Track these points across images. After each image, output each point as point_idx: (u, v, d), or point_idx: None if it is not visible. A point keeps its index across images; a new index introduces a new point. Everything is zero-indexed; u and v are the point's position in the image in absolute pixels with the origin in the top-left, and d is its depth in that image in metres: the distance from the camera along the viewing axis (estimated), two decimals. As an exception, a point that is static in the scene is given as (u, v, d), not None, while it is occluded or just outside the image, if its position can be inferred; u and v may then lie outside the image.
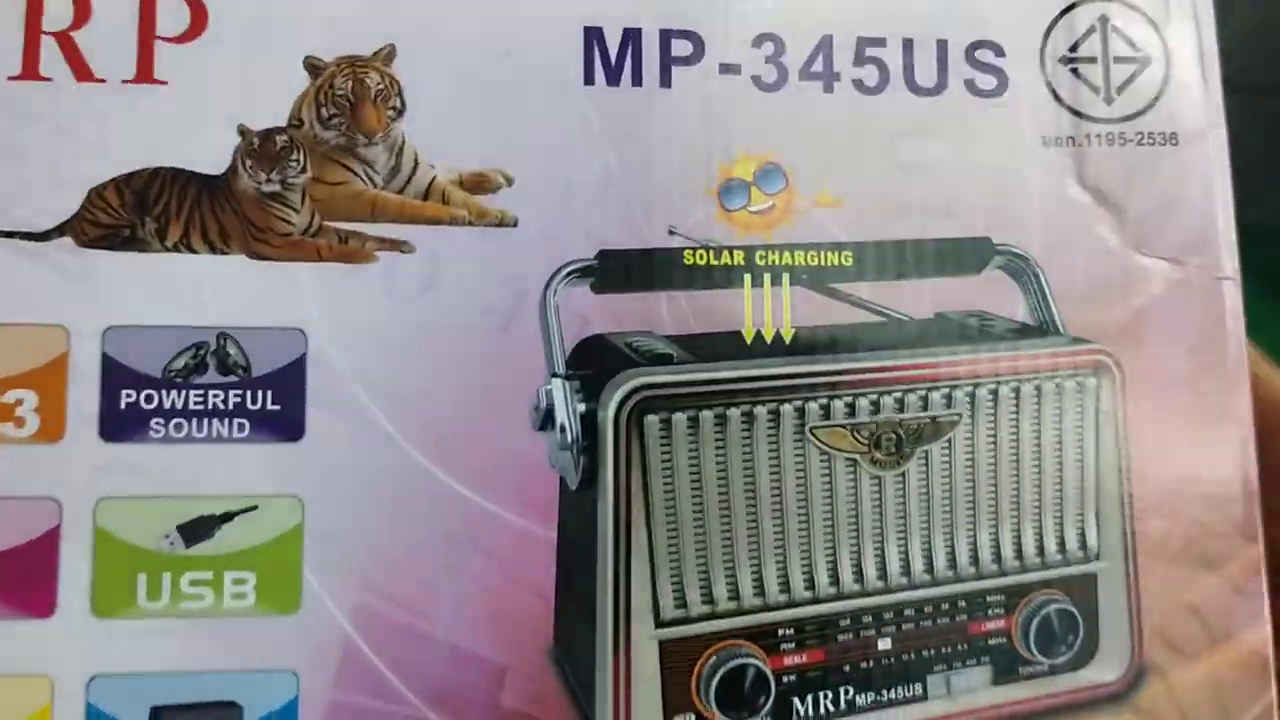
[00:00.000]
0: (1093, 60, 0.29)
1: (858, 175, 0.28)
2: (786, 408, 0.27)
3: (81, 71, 0.26)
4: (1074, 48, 0.29)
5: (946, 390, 0.28)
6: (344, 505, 0.26)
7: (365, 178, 0.27)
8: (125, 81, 0.26)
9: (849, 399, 0.27)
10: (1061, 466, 0.28)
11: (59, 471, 0.25)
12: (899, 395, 0.28)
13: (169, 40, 0.26)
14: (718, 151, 0.28)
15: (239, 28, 0.26)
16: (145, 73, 0.26)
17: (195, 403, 0.26)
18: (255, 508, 0.25)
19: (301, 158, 0.26)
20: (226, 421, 0.26)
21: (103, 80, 0.26)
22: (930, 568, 0.27)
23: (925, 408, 0.28)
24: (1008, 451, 0.28)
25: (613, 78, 0.28)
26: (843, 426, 0.27)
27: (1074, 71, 0.29)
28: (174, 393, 0.26)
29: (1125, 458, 0.28)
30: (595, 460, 0.27)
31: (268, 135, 0.26)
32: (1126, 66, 0.29)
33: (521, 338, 0.27)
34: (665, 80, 0.28)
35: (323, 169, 0.26)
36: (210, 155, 0.26)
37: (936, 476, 0.27)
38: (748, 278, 0.28)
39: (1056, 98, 0.29)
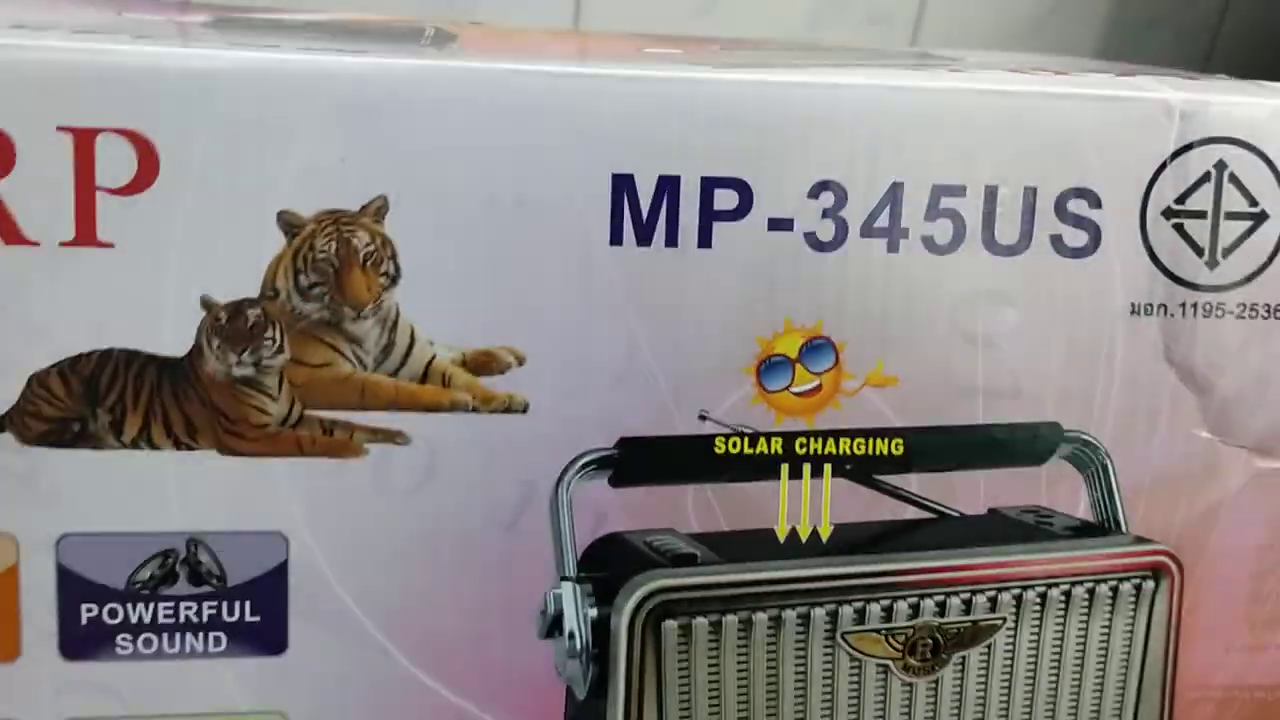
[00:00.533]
0: (1202, 215, 0.25)
1: (917, 350, 0.25)
2: (818, 611, 0.25)
3: (8, 232, 0.22)
4: (1182, 199, 0.25)
5: (993, 593, 0.25)
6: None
7: (353, 358, 0.23)
8: (64, 244, 0.22)
9: (886, 602, 0.25)
10: (1104, 675, 0.26)
11: (18, 693, 0.23)
12: (940, 599, 0.25)
13: (112, 192, 0.22)
14: (760, 323, 0.24)
15: (197, 176, 0.22)
16: (87, 232, 0.22)
17: (165, 616, 0.23)
18: None
19: (277, 335, 0.23)
20: (201, 636, 0.23)
21: (35, 243, 0.22)
22: (957, 775, 0.26)
23: (968, 611, 0.25)
24: (1049, 659, 0.26)
25: (644, 236, 0.24)
26: (877, 631, 0.25)
27: (1178, 227, 0.25)
28: (140, 606, 0.23)
29: (1172, 666, 0.26)
30: (606, 669, 0.24)
31: (237, 309, 0.22)
32: (1239, 224, 0.26)
33: (529, 537, 0.24)
34: (705, 239, 0.24)
35: (303, 348, 0.23)
36: (170, 333, 0.23)
37: (972, 685, 0.26)
38: (785, 468, 0.25)
39: (1154, 258, 0.26)
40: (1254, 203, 0.26)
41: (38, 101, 0.22)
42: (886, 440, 0.26)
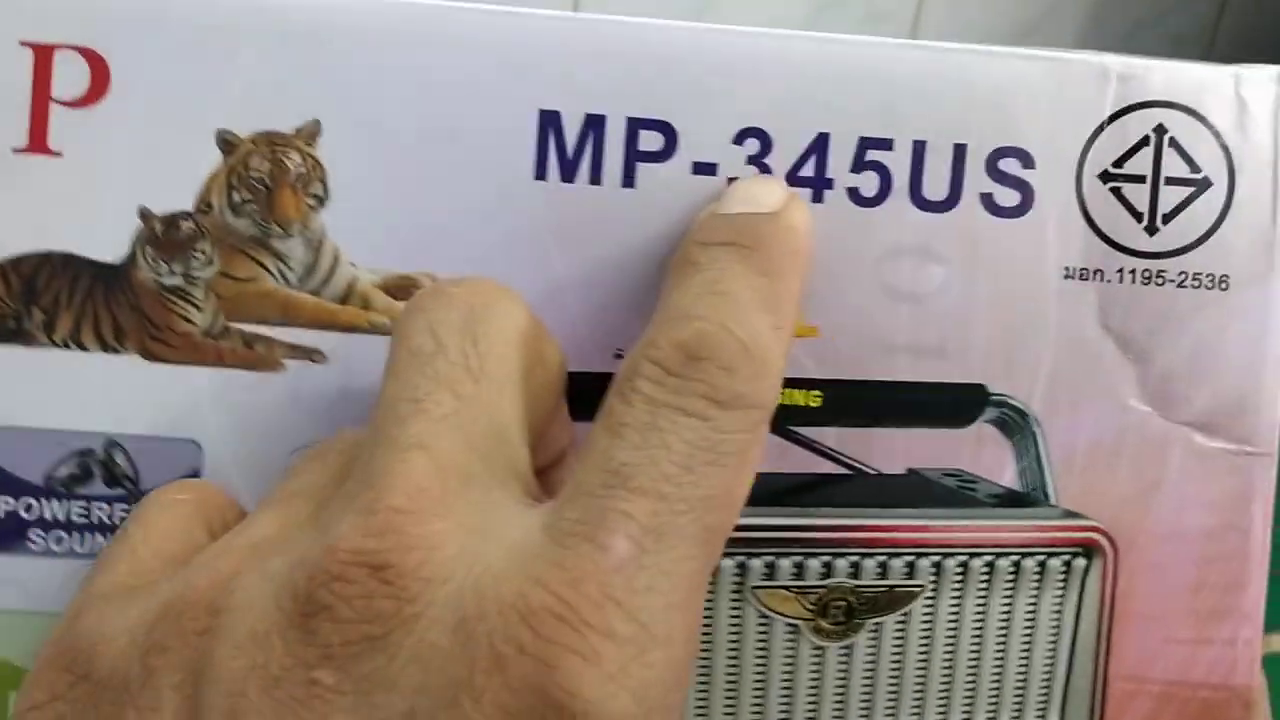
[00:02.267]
0: (1140, 179, 0.26)
1: (840, 302, 0.26)
2: (726, 562, 0.25)
3: None
4: (1119, 163, 0.25)
5: (910, 558, 0.25)
6: None
7: (278, 274, 0.24)
8: (15, 150, 0.24)
9: (798, 558, 0.25)
10: (1030, 656, 0.25)
11: None
12: (855, 559, 0.25)
13: (66, 104, 0.24)
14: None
15: (144, 94, 0.24)
16: (38, 141, 0.24)
17: (78, 515, 0.24)
18: None
19: (208, 248, 0.24)
20: (111, 537, 0.24)
21: None
22: (871, 750, 0.25)
23: (884, 575, 0.25)
24: (970, 633, 0.26)
25: (568, 173, 0.25)
26: (787, 589, 0.25)
27: (1115, 191, 0.25)
28: (55, 503, 0.24)
29: (1105, 653, 0.25)
30: None
31: (172, 221, 0.24)
32: (1180, 190, 0.26)
33: None
34: (629, 179, 0.25)
35: (231, 262, 0.24)
36: (107, 241, 0.24)
37: (887, 653, 0.25)
38: None
39: (1089, 222, 0.26)
40: (1196, 169, 0.26)
41: (2, 18, 0.24)
42: (803, 390, 0.26)
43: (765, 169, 0.27)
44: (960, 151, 0.27)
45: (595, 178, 0.26)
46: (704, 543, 0.21)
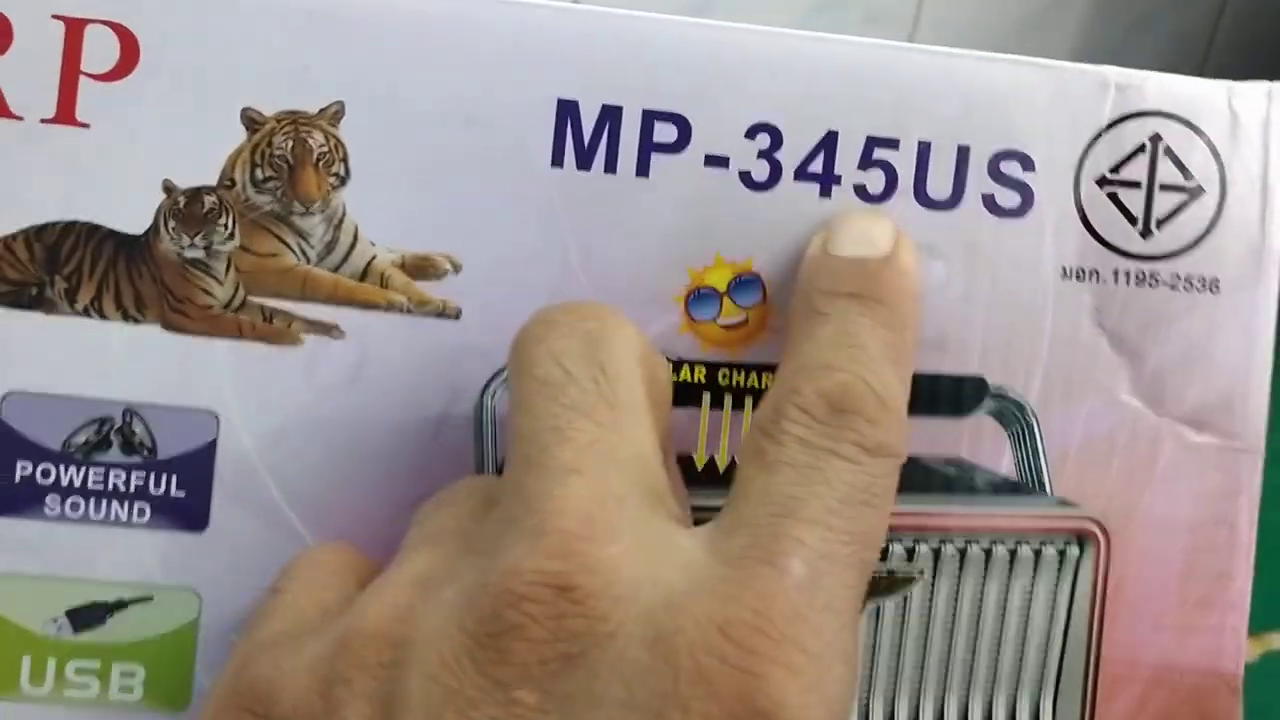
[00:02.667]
0: (1135, 185, 0.27)
1: None
2: None
3: None
4: (1116, 169, 0.26)
5: (910, 543, 0.26)
6: (244, 606, 0.25)
7: (298, 251, 0.25)
8: (44, 120, 0.24)
9: None
10: (1025, 640, 0.26)
11: None
12: None
13: (95, 77, 0.24)
14: (692, 255, 0.26)
15: (172, 70, 0.25)
16: (67, 112, 0.24)
17: (95, 482, 0.25)
18: (150, 598, 0.25)
19: (230, 222, 0.25)
20: (126, 505, 0.25)
21: (19, 117, 0.24)
22: (866, 732, 0.26)
23: (884, 559, 0.26)
24: (968, 617, 0.26)
25: (584, 161, 0.26)
26: None
27: (1111, 196, 0.26)
28: (73, 469, 0.25)
29: (1097, 638, 0.26)
30: None
31: (195, 195, 0.25)
32: (1173, 196, 0.27)
33: (452, 440, 0.26)
34: (643, 169, 0.26)
35: (252, 237, 0.25)
36: (131, 212, 0.25)
37: (886, 636, 0.26)
38: (707, 397, 0.26)
39: (1086, 224, 0.27)
40: (1189, 176, 0.27)
41: (38, -9, 0.25)
42: (810, 379, 0.26)
43: (775, 164, 0.28)
44: (964, 153, 0.28)
45: (611, 167, 0.27)
46: (861, 575, 0.22)
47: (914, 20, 0.48)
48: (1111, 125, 0.28)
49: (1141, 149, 0.28)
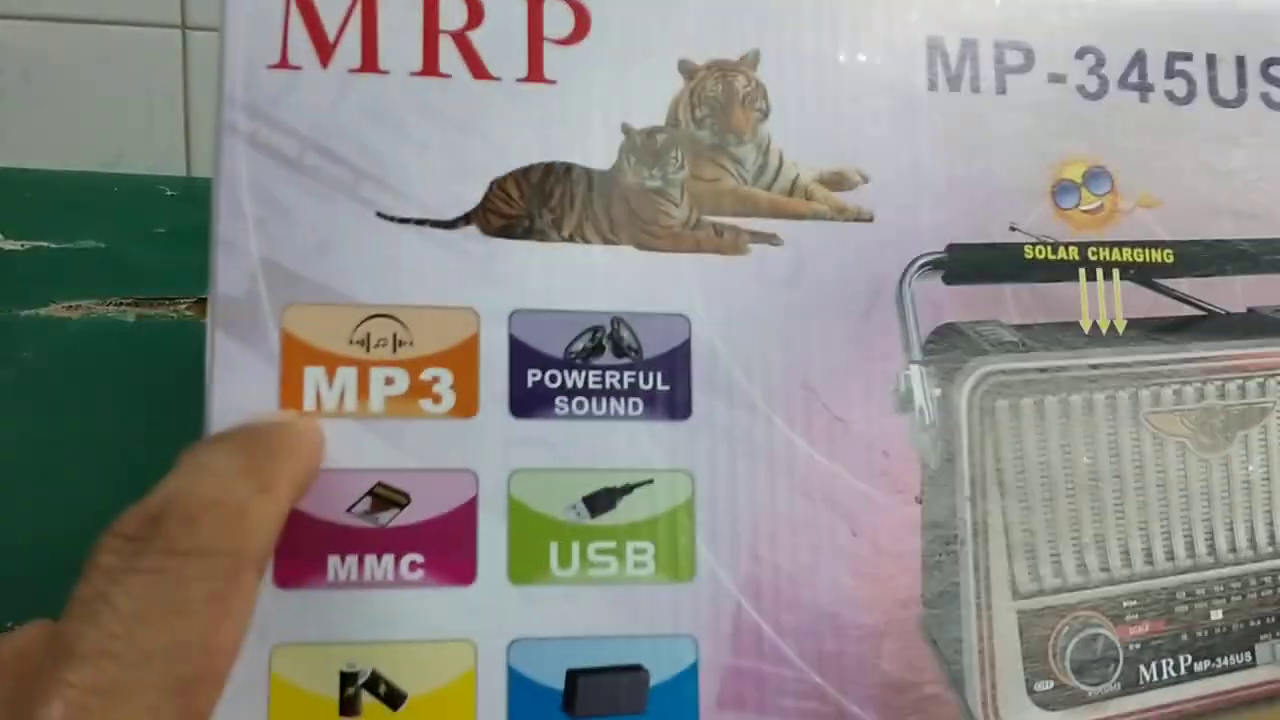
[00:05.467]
0: None
1: (1173, 179, 0.32)
2: (1122, 395, 0.30)
3: (477, 69, 0.29)
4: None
5: (1260, 380, 0.31)
6: (728, 480, 0.29)
7: (736, 175, 0.30)
8: (518, 80, 0.29)
9: (1176, 387, 0.31)
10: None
11: (475, 445, 0.28)
12: (1219, 384, 0.31)
13: (556, 42, 0.30)
14: (1050, 154, 0.32)
15: (619, 32, 0.30)
16: (536, 72, 0.29)
17: (594, 383, 0.29)
18: (651, 481, 0.29)
19: (680, 155, 0.30)
20: (622, 400, 0.29)
21: (497, 78, 0.29)
22: (1253, 544, 0.31)
23: (1243, 395, 0.31)
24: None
25: (954, 84, 0.31)
26: (1172, 413, 0.31)
27: None
28: (574, 373, 0.29)
29: None
30: (952, 442, 0.30)
31: (650, 134, 0.30)
32: None
33: (880, 325, 0.30)
34: (1001, 88, 0.31)
35: (699, 166, 0.30)
36: (598, 152, 0.30)
37: (1255, 459, 0.31)
38: (1082, 272, 0.31)
39: None
40: None
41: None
42: (1160, 249, 0.33)
43: (1102, 78, 0.34)
44: (1240, 61, 0.35)
45: (975, 88, 0.33)
46: (176, 691, 0.21)
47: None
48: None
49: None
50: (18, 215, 0.50)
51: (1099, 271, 0.34)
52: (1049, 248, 0.34)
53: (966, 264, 0.34)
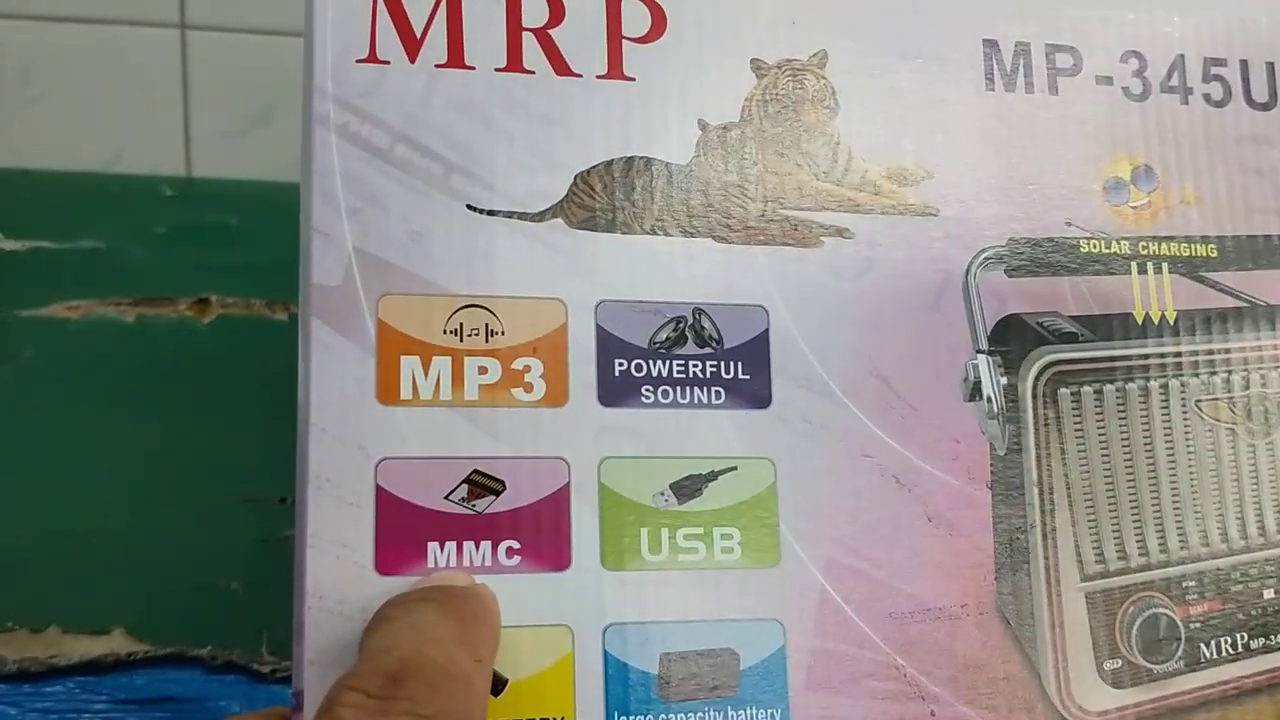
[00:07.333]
0: None
1: (1213, 177, 0.34)
2: (1174, 383, 0.32)
3: (560, 66, 0.30)
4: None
5: None
6: (809, 467, 0.30)
7: (809, 170, 0.31)
8: (599, 76, 0.30)
9: (1225, 375, 0.33)
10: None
11: (566, 433, 0.29)
12: (1264, 372, 0.33)
13: (634, 40, 0.31)
14: (1102, 153, 0.33)
15: (694, 32, 0.31)
16: (615, 69, 0.31)
17: (678, 372, 0.30)
18: (735, 468, 0.29)
19: (753, 150, 0.31)
20: (705, 389, 0.30)
21: (579, 75, 0.30)
22: (1301, 527, 0.33)
23: None
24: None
25: (1009, 85, 0.33)
26: (1220, 400, 0.32)
27: None
28: (659, 362, 0.30)
29: None
30: (1018, 429, 0.31)
31: (725, 129, 0.31)
32: None
33: (948, 316, 0.32)
34: (1053, 88, 0.33)
35: (772, 162, 0.31)
36: (676, 145, 0.31)
37: None
38: (1134, 265, 0.33)
39: None
40: None
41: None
42: (1204, 244, 0.34)
43: (1145, 81, 0.36)
44: (1270, 67, 0.37)
45: (1029, 89, 0.35)
46: None
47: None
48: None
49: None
50: (18, 215, 0.50)
51: (1149, 265, 0.36)
52: (1103, 242, 0.36)
53: (1028, 257, 0.35)
